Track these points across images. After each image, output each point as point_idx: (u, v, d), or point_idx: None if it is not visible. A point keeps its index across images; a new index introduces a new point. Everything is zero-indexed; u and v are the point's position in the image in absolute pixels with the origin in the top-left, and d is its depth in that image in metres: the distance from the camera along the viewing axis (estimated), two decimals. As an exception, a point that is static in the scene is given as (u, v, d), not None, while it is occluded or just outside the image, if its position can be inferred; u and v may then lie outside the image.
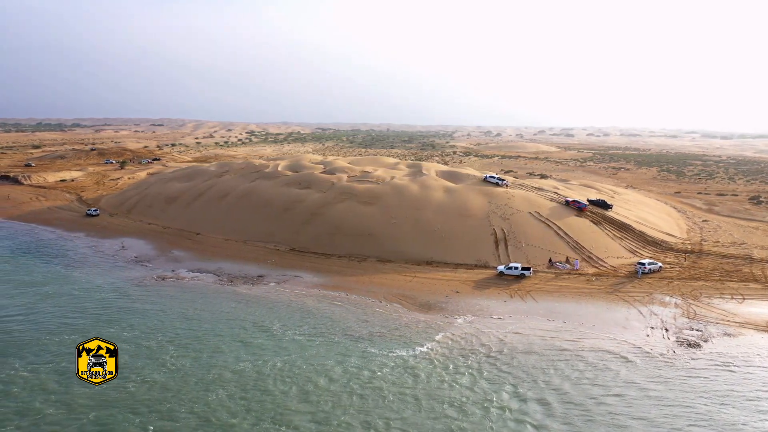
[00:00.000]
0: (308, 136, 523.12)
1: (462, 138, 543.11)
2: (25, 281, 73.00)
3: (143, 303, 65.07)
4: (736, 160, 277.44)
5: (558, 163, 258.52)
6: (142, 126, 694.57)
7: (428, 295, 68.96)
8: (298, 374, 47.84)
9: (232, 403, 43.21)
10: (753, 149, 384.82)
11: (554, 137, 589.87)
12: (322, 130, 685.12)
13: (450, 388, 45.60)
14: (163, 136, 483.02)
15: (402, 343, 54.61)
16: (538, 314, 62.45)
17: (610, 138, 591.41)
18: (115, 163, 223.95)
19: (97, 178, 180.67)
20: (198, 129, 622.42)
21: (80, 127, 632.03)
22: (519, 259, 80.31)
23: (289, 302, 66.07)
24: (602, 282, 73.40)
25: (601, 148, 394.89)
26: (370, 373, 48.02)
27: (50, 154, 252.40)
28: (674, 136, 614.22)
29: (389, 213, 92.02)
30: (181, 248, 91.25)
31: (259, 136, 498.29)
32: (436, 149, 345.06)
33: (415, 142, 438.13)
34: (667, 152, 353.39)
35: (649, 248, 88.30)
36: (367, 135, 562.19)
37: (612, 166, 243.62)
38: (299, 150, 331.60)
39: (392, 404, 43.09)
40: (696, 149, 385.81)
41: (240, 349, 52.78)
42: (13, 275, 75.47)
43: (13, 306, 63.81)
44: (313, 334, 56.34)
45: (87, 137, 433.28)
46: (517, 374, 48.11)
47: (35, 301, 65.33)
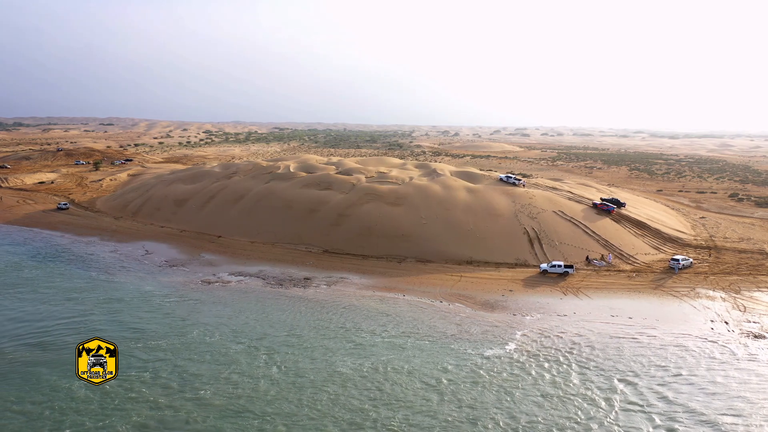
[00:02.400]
0: (269, 135, 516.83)
1: (422, 138, 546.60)
2: (68, 288, 70.38)
3: (208, 307, 63.89)
4: (695, 159, 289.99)
5: (530, 163, 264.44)
6: (91, 125, 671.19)
7: (484, 294, 70.15)
8: (414, 373, 48.18)
9: (374, 403, 43.19)
10: (704, 148, 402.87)
11: (510, 137, 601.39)
12: (279, 130, 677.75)
13: (563, 384, 46.85)
14: (118, 135, 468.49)
15: (489, 341, 55.58)
16: (600, 311, 64.50)
17: (564, 137, 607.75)
18: (85, 164, 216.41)
19: (75, 179, 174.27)
20: (152, 128, 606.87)
21: (24, 127, 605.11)
22: (555, 257, 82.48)
23: (351, 304, 66.04)
24: (643, 278, 76.27)
25: (560, 148, 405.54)
26: (479, 371, 48.78)
27: (13, 155, 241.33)
28: (624, 136, 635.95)
29: (418, 213, 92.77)
30: (210, 252, 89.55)
31: (218, 135, 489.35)
32: (404, 149, 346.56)
33: (379, 141, 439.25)
34: (626, 151, 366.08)
35: (669, 245, 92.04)
36: (327, 135, 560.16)
37: (584, 165, 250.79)
38: (267, 150, 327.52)
39: (519, 401, 43.98)
40: (651, 149, 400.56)
41: (345, 350, 52.67)
42: (52, 282, 72.58)
43: (71, 313, 61.60)
44: (402, 335, 56.70)
45: (36, 137, 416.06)
46: (618, 369, 49.77)
47: (90, 308, 63.24)
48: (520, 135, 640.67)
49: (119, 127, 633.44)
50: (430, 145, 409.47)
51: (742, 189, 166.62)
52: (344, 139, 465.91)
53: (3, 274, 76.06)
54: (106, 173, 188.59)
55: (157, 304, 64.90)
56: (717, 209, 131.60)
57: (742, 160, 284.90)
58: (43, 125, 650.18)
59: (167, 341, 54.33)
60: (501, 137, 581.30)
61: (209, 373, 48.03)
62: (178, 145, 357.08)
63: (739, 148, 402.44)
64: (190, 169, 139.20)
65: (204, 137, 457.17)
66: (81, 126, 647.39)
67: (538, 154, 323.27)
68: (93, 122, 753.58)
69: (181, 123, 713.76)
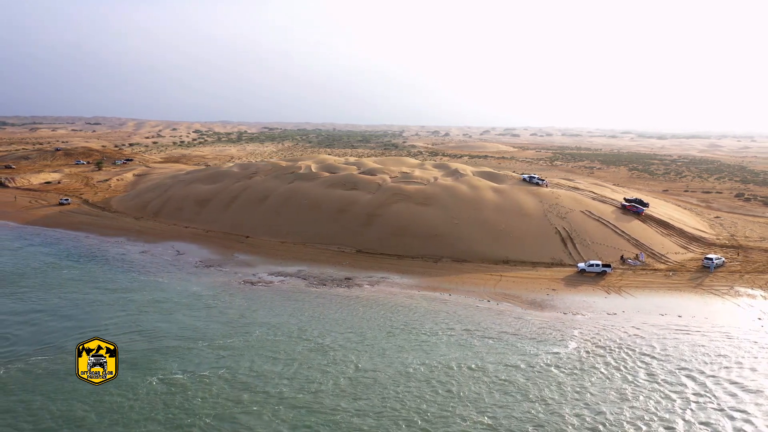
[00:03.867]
0: (261, 135, 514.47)
1: (413, 138, 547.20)
2: (113, 288, 70.00)
3: (260, 306, 63.89)
4: (689, 159, 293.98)
5: (529, 163, 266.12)
6: (77, 124, 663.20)
7: (529, 293, 70.86)
8: (488, 371, 48.67)
9: (458, 400, 43.56)
10: (694, 149, 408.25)
11: (501, 137, 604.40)
12: (269, 130, 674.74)
13: (635, 379, 47.68)
14: (108, 135, 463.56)
15: (549, 340, 56.25)
16: (648, 309, 65.48)
17: (554, 138, 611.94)
18: (86, 164, 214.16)
19: (81, 180, 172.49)
20: (140, 128, 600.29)
21: (9, 126, 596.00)
22: (589, 257, 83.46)
23: (402, 304, 66.41)
24: (680, 277, 77.48)
25: (553, 148, 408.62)
26: (551, 369, 49.40)
27: (10, 155, 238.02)
28: (613, 136, 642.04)
29: (449, 213, 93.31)
30: (242, 252, 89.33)
31: (209, 135, 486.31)
32: (399, 149, 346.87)
33: (372, 141, 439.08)
34: (619, 152, 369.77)
35: (695, 244, 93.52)
36: (318, 134, 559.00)
37: (583, 165, 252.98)
38: (263, 150, 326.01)
39: (599, 397, 44.66)
40: (642, 149, 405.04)
41: (412, 349, 53.06)
42: (95, 282, 72.09)
43: (125, 312, 61.36)
44: (464, 334, 57.20)
45: (25, 137, 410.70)
46: (682, 363, 50.73)
47: (142, 308, 63.00)
48: (510, 135, 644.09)
49: (107, 127, 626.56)
50: (424, 145, 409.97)
51: (745, 189, 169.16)
52: (337, 139, 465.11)
53: (43, 273, 75.42)
54: (110, 173, 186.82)
55: (208, 305, 64.77)
56: (728, 209, 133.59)
57: (735, 161, 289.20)
58: (28, 124, 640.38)
59: (232, 341, 54.37)
60: (491, 137, 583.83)
61: (285, 371, 48.23)
62: (172, 145, 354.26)
63: (729, 149, 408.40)
64: (206, 169, 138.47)
65: (196, 137, 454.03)
66: (67, 125, 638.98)
67: (533, 155, 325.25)
68: (79, 121, 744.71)
69: (169, 123, 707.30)
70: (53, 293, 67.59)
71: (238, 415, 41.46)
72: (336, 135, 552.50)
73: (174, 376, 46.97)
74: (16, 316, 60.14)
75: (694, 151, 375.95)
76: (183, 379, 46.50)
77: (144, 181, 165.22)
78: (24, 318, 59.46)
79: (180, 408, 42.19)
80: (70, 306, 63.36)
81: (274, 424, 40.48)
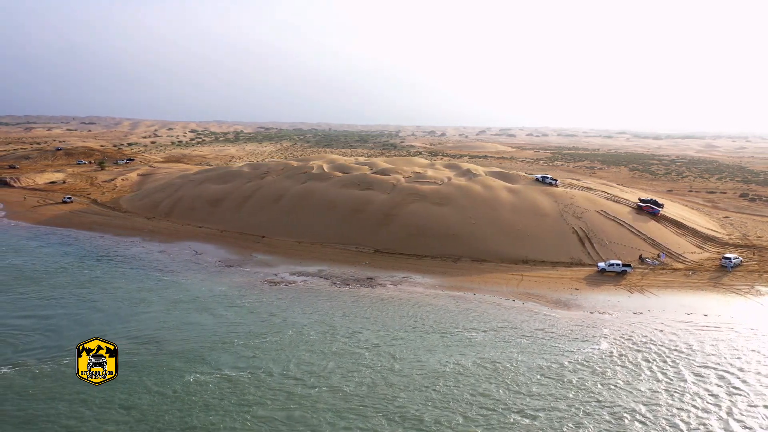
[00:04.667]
0: (258, 135, 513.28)
1: (410, 138, 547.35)
2: (137, 288, 69.87)
3: (288, 305, 63.92)
4: (688, 160, 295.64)
5: (529, 163, 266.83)
6: (72, 124, 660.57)
7: (553, 293, 71.18)
8: (525, 367, 48.90)
9: (509, 395, 43.79)
10: (691, 149, 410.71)
11: (497, 137, 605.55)
12: (265, 130, 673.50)
13: (674, 377, 48.03)
14: (104, 134, 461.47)
15: (581, 338, 56.58)
16: (673, 308, 65.90)
17: (550, 138, 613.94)
18: (88, 163, 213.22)
19: (85, 179, 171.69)
20: (136, 128, 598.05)
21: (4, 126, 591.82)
22: (608, 256, 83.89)
23: (430, 303, 66.59)
24: (699, 276, 78.02)
25: (550, 148, 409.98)
26: (592, 367, 49.69)
27: (11, 154, 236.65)
28: (609, 137, 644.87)
29: (465, 213, 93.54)
30: (260, 252, 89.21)
31: (206, 135, 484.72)
32: (398, 149, 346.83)
33: (370, 141, 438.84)
34: (616, 152, 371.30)
35: (709, 244, 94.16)
36: (315, 135, 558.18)
37: (584, 165, 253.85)
38: (263, 150, 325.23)
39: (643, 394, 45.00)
40: (640, 149, 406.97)
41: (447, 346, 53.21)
42: (119, 282, 71.93)
43: (153, 311, 61.45)
44: (497, 331, 57.46)
45: (21, 136, 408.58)
46: (718, 360, 51.18)
47: (170, 307, 63.01)
48: (506, 135, 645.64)
49: (102, 126, 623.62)
50: (422, 145, 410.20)
51: (747, 189, 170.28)
52: (334, 139, 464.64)
53: (66, 273, 75.26)
54: (113, 173, 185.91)
55: (236, 304, 64.77)
56: (735, 209, 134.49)
57: (733, 161, 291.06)
58: (22, 124, 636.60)
59: (268, 339, 54.55)
60: (488, 137, 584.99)
61: (327, 367, 48.44)
62: (171, 145, 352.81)
63: (725, 149, 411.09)
64: (216, 169, 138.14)
65: (193, 137, 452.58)
66: (62, 125, 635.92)
67: (532, 155, 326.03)
68: (74, 121, 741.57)
69: (165, 122, 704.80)
70: (80, 292, 67.50)
71: (293, 412, 41.58)
72: (333, 135, 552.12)
73: (220, 373, 47.19)
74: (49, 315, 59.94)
75: (691, 152, 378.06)
76: (229, 376, 46.77)
77: (149, 181, 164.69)
78: (57, 317, 59.31)
79: (231, 403, 42.47)
80: (99, 305, 63.31)
81: (325, 418, 40.57)
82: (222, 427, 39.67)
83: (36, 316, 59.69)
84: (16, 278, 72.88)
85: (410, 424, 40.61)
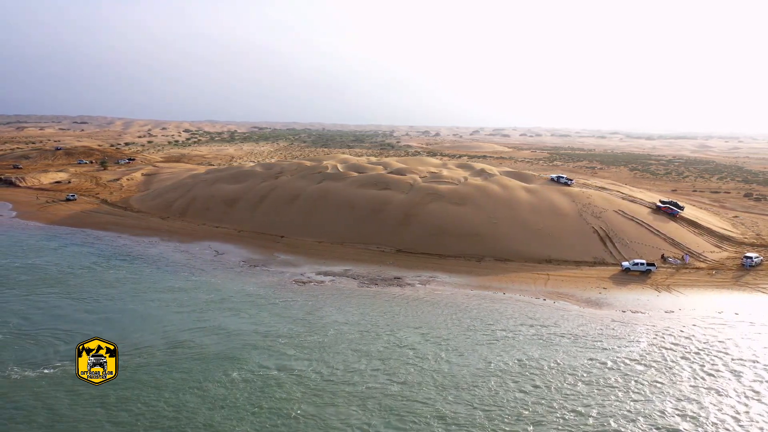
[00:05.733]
0: (253, 135, 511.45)
1: (405, 138, 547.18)
2: (167, 287, 69.65)
3: (323, 305, 63.96)
4: (685, 160, 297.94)
5: (528, 163, 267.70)
6: (64, 123, 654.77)
7: (581, 292, 71.65)
8: (573, 368, 49.20)
9: (555, 397, 44.09)
10: (685, 149, 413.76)
11: (491, 137, 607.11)
12: (259, 129, 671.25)
13: (724, 376, 48.49)
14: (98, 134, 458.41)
15: (620, 337, 57.00)
16: (703, 307, 66.53)
17: (544, 138, 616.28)
18: (89, 163, 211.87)
19: (89, 179, 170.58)
20: (129, 127, 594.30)
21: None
22: (630, 256, 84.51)
23: (461, 302, 66.84)
24: (723, 275, 78.80)
25: (546, 148, 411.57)
26: (633, 366, 50.06)
27: (10, 154, 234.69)
28: (602, 137, 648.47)
29: (485, 213, 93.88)
30: (281, 252, 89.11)
31: (201, 135, 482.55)
32: (397, 149, 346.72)
33: (366, 141, 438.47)
34: (612, 152, 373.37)
35: (726, 243, 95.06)
36: (310, 134, 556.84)
37: (584, 165, 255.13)
38: (261, 150, 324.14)
39: (695, 393, 45.45)
40: (635, 149, 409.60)
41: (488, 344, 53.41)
42: (148, 282, 71.64)
43: (189, 311, 61.29)
44: (538, 329, 57.81)
45: (14, 135, 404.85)
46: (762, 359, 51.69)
47: (201, 308, 62.64)
48: (500, 135, 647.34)
49: (95, 126, 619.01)
50: (419, 145, 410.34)
51: (750, 189, 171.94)
52: (330, 139, 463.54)
53: (92, 273, 74.85)
54: (117, 173, 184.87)
55: (269, 304, 64.69)
56: (742, 209, 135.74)
57: (729, 161, 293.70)
58: (13, 123, 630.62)
59: (312, 337, 54.72)
60: (482, 137, 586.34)
61: (375, 366, 48.55)
62: (167, 145, 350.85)
63: (719, 149, 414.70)
64: (228, 169, 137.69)
65: (188, 136, 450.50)
66: (54, 124, 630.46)
67: (530, 155, 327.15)
68: (65, 120, 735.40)
69: (158, 122, 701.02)
70: (109, 293, 67.10)
71: (340, 409, 41.74)
72: (327, 135, 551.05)
73: (266, 373, 47.16)
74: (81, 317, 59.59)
75: (687, 152, 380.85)
76: (277, 376, 46.74)
77: (155, 181, 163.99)
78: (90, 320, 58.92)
79: (281, 400, 42.49)
80: (131, 306, 62.98)
81: (379, 416, 40.64)
82: (278, 424, 39.64)
83: (67, 318, 59.28)
84: (42, 279, 72.25)
85: (464, 422, 40.75)
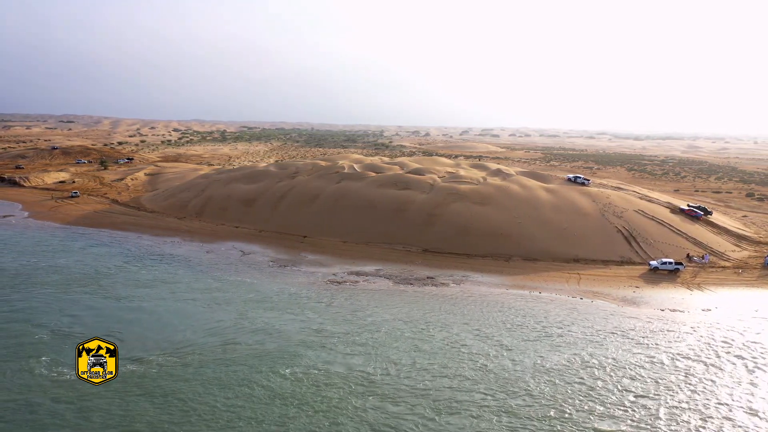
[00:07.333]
0: (244, 134, 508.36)
1: (396, 138, 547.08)
2: (203, 288, 69.10)
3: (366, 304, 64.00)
4: (678, 160, 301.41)
5: (526, 163, 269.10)
6: (50, 122, 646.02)
7: (615, 290, 72.41)
8: (630, 366, 49.74)
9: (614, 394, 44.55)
10: (675, 150, 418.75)
11: (481, 137, 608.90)
12: (248, 129, 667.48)
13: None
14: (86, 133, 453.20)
15: (664, 334, 57.73)
16: (738, 305, 67.61)
17: (533, 138, 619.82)
18: (87, 162, 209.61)
19: (92, 178, 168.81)
20: (117, 126, 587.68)
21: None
22: (656, 255, 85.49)
23: (500, 301, 67.24)
24: (750, 274, 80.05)
25: (538, 148, 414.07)
26: (687, 363, 50.74)
27: (6, 153, 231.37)
28: (591, 137, 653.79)
29: (509, 213, 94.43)
30: (308, 252, 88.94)
31: (192, 134, 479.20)
32: (391, 149, 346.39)
33: (359, 141, 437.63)
34: (604, 152, 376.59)
35: (744, 242, 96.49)
36: (300, 134, 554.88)
37: (581, 165, 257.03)
38: (256, 149, 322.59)
39: (754, 389, 46.19)
40: (626, 150, 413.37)
41: (541, 344, 53.80)
42: (181, 282, 71.04)
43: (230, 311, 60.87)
44: (584, 327, 58.33)
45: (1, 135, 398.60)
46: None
47: (244, 308, 62.20)
48: (489, 136, 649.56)
49: (82, 125, 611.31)
50: (412, 145, 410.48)
51: (750, 189, 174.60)
52: (322, 139, 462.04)
53: (125, 273, 74.11)
54: (118, 172, 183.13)
55: (311, 303, 64.61)
56: (748, 208, 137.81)
57: (721, 161, 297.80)
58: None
59: (364, 336, 54.71)
60: (472, 137, 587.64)
61: (437, 363, 48.62)
62: (161, 144, 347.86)
63: (708, 150, 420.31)
64: (242, 169, 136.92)
65: (179, 136, 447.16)
66: (40, 123, 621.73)
67: (524, 155, 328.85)
68: (50, 119, 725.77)
69: (145, 121, 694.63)
70: (146, 293, 66.47)
71: (408, 404, 41.78)
72: (318, 135, 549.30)
73: (327, 371, 47.12)
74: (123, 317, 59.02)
75: (677, 152, 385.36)
76: (339, 373, 46.74)
77: (160, 181, 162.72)
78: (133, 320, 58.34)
79: (346, 395, 42.51)
80: (173, 306, 62.44)
81: (448, 412, 40.85)
82: (348, 419, 39.71)
83: (111, 317, 58.80)
84: (75, 279, 71.33)
85: (536, 417, 41.08)
